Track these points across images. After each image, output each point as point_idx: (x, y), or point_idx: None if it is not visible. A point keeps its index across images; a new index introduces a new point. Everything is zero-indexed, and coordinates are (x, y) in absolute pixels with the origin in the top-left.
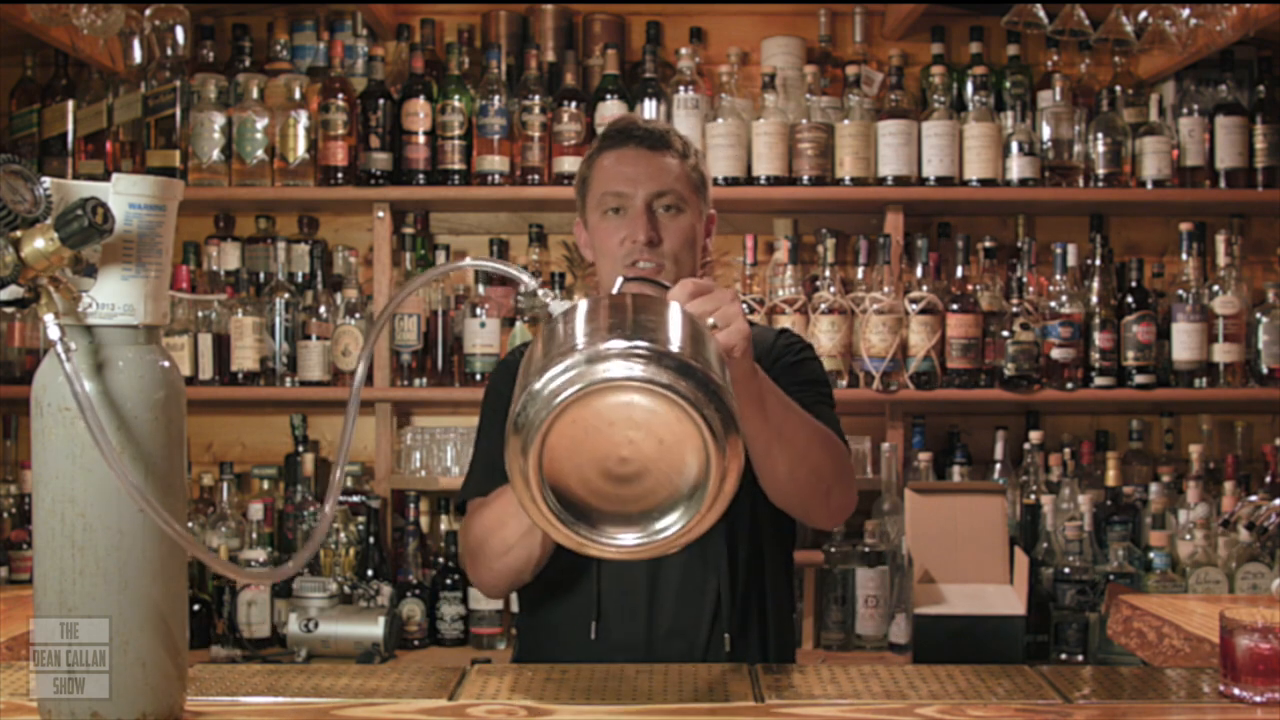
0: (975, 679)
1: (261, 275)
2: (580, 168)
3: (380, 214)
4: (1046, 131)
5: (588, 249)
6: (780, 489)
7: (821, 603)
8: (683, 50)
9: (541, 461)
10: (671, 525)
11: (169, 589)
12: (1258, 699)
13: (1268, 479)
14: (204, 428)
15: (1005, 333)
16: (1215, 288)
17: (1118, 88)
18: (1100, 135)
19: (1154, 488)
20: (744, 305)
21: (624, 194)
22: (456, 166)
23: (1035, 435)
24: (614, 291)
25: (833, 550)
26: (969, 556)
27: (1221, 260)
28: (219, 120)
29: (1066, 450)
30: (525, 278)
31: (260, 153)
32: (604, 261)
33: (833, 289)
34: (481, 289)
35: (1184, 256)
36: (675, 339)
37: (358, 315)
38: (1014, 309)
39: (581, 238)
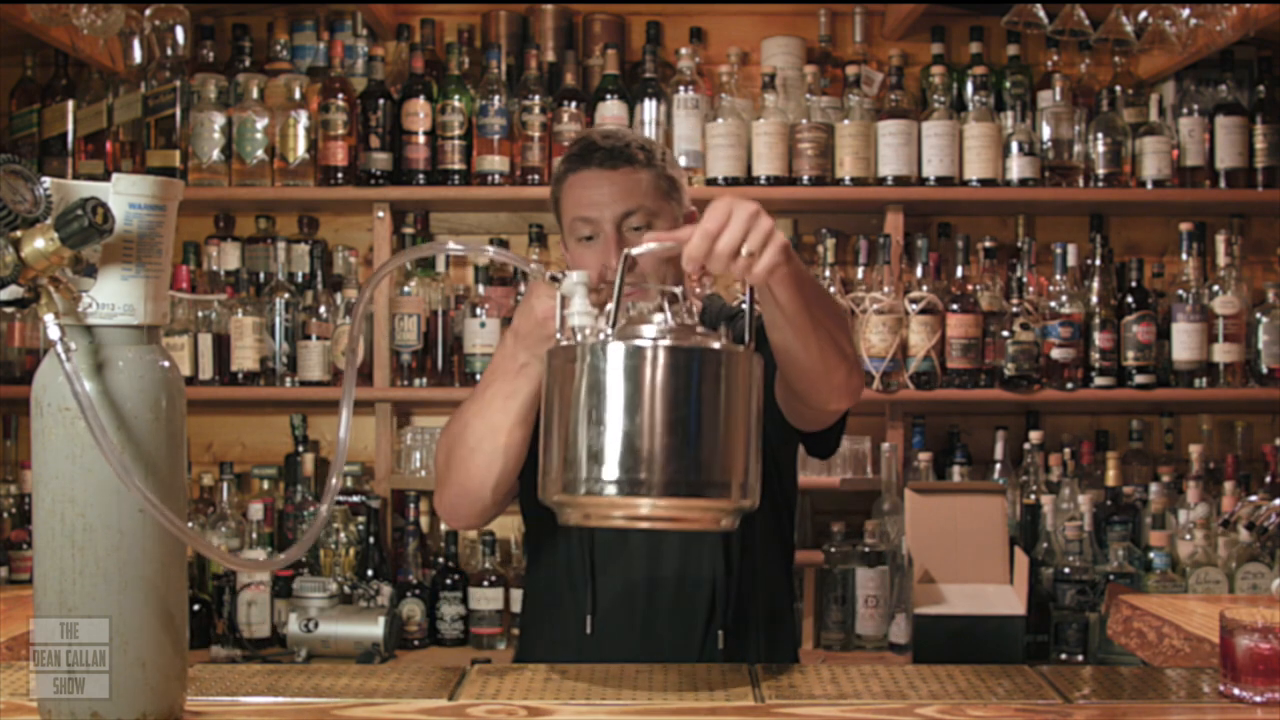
0: (975, 679)
1: (261, 275)
2: (551, 186)
3: (380, 214)
4: (1046, 131)
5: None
6: (805, 370)
7: (821, 603)
8: (683, 50)
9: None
10: None
11: (169, 589)
12: (1258, 699)
13: (1268, 479)
14: (204, 428)
15: (1005, 333)
16: (1215, 288)
17: (1118, 88)
18: (1100, 135)
19: (1154, 488)
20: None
21: (592, 220)
22: (456, 166)
23: (1035, 435)
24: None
25: (833, 550)
26: (969, 556)
27: (1221, 260)
28: (219, 120)
29: (1066, 450)
30: (532, 267)
31: (260, 153)
32: None
33: (832, 289)
34: (481, 289)
35: (1184, 256)
36: (714, 445)
37: None
38: (1014, 309)
39: (563, 248)
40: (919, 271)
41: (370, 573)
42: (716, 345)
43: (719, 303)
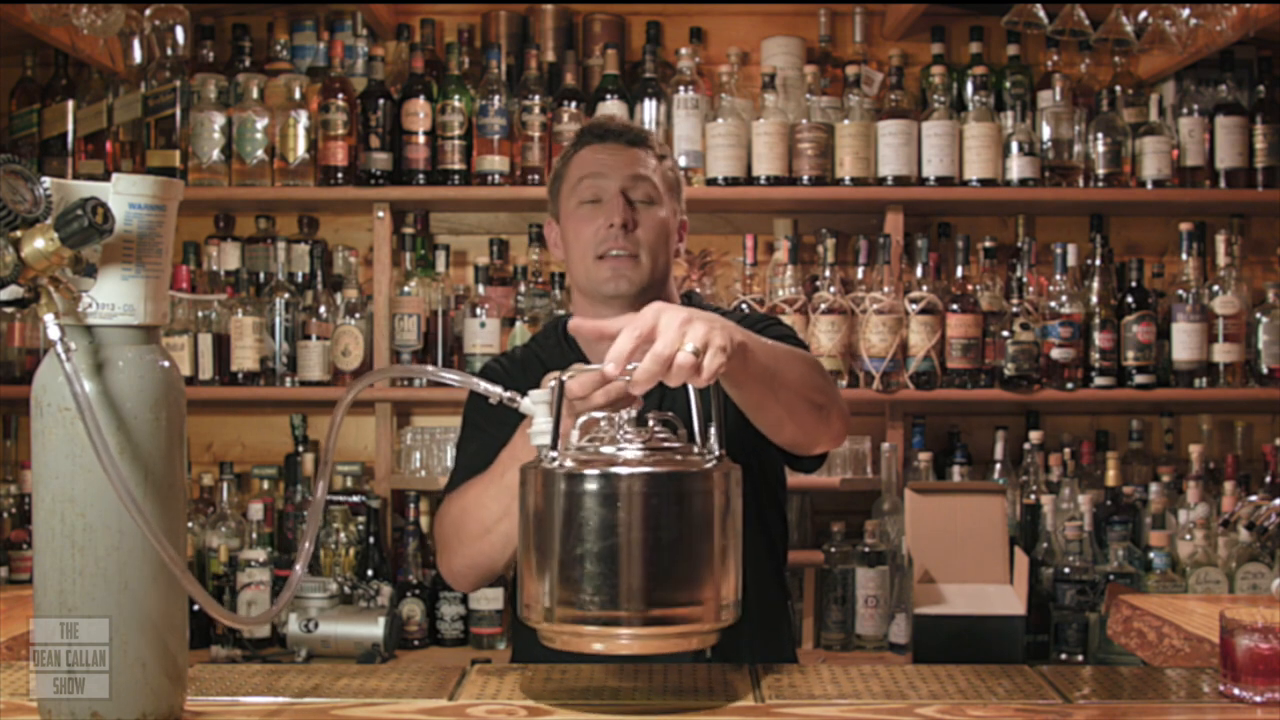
0: (975, 679)
1: (261, 275)
2: (556, 164)
3: (380, 214)
4: (1046, 131)
5: (557, 247)
6: (783, 432)
7: (821, 603)
8: (683, 50)
9: None
10: None
11: (169, 589)
12: (1258, 699)
13: (1268, 479)
14: (204, 428)
15: (1005, 333)
16: (1215, 288)
17: (1118, 88)
18: (1100, 135)
19: (1154, 488)
20: (743, 306)
21: (601, 176)
22: (456, 166)
23: (1035, 435)
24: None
25: (833, 550)
26: (969, 556)
27: (1221, 260)
28: (219, 120)
29: (1066, 450)
30: (493, 389)
31: (260, 153)
32: (576, 251)
33: (833, 289)
34: (481, 289)
35: (1184, 256)
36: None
37: (358, 315)
38: (1014, 309)
39: (551, 237)
40: (919, 271)
41: (370, 573)
42: (683, 469)
43: (697, 301)
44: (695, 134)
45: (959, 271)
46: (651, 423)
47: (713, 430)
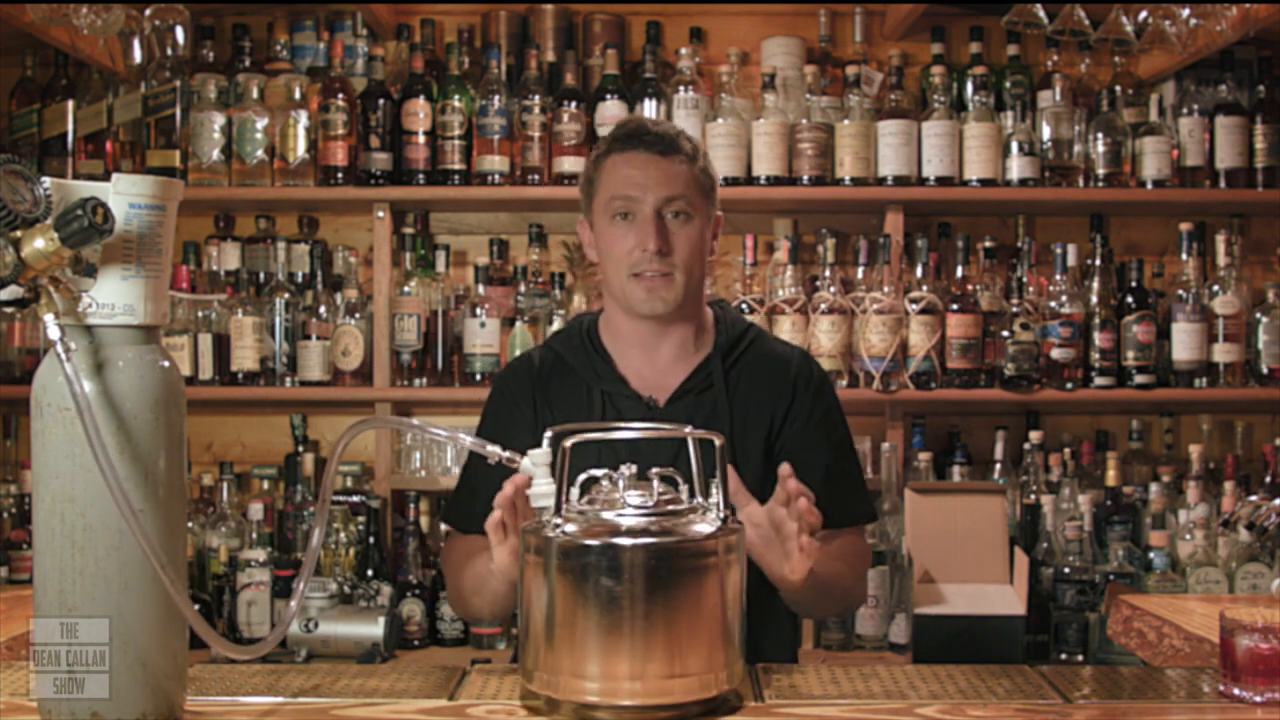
0: (975, 679)
1: (261, 275)
2: (586, 167)
3: (380, 214)
4: (1046, 131)
5: (591, 249)
6: (804, 611)
7: None
8: (683, 50)
9: None
10: None
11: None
12: (1258, 699)
13: (1268, 479)
14: (204, 428)
15: (1005, 333)
16: (1215, 288)
17: (1118, 88)
18: (1100, 135)
19: (1154, 488)
20: (744, 306)
21: (633, 198)
22: (456, 166)
23: (1035, 435)
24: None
25: None
26: (969, 556)
27: (1221, 260)
28: (219, 120)
29: (1066, 450)
30: (489, 449)
31: (260, 153)
32: (610, 266)
33: (833, 289)
34: (481, 289)
35: (1184, 256)
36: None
37: (358, 315)
38: (1014, 309)
39: (585, 237)
40: (919, 271)
41: (370, 573)
42: (685, 540)
43: (731, 314)
44: (695, 134)
45: (959, 271)
46: (654, 480)
47: (715, 487)
